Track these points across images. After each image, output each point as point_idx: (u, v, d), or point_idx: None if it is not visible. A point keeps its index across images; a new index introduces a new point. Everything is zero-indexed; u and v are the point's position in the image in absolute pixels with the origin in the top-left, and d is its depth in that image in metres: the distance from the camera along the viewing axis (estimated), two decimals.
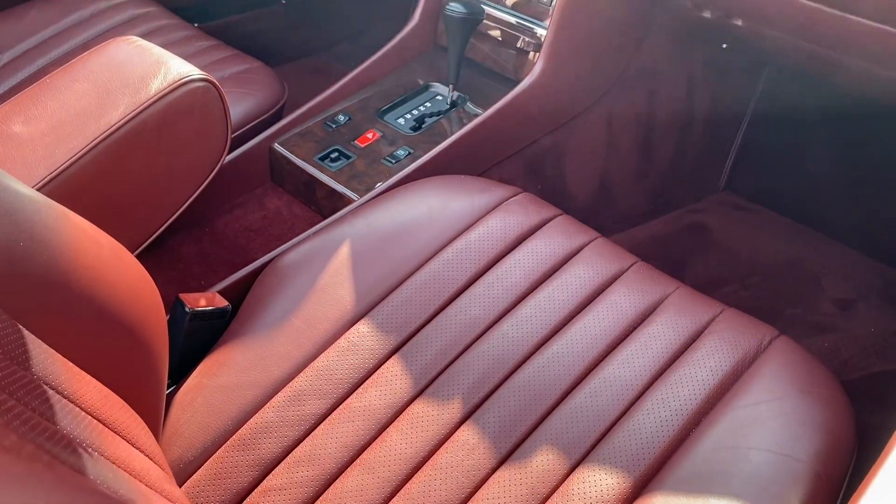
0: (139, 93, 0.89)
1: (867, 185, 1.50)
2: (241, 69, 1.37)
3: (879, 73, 1.11)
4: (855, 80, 1.21)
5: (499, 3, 1.34)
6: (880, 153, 1.47)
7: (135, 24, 1.48)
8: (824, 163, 1.55)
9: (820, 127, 1.54)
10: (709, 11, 1.25)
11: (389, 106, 1.34)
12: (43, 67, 1.39)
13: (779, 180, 1.60)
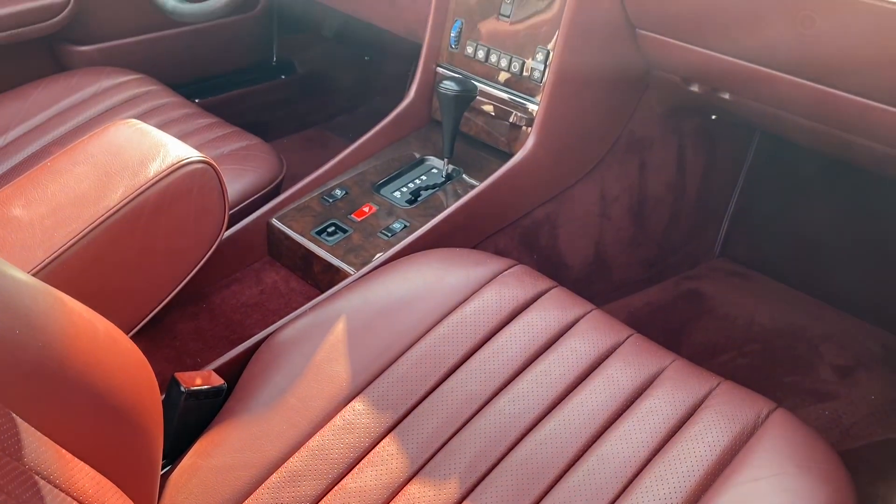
0: (138, 175, 0.91)
1: (862, 250, 1.51)
2: (240, 146, 1.40)
3: (871, 145, 1.13)
4: (846, 151, 1.23)
5: (491, 80, 1.37)
6: (875, 217, 1.49)
7: (137, 102, 1.51)
8: (818, 228, 1.57)
9: (812, 192, 1.57)
10: (697, 86, 1.29)
11: (386, 180, 1.36)
12: (46, 146, 1.41)
13: (774, 246, 1.62)
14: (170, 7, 1.39)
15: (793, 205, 1.58)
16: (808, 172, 1.53)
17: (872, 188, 1.42)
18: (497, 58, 1.36)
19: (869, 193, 1.45)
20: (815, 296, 1.52)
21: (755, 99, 1.19)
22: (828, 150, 1.30)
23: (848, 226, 1.52)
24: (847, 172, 1.41)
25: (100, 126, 1.46)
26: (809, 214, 1.57)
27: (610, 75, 1.32)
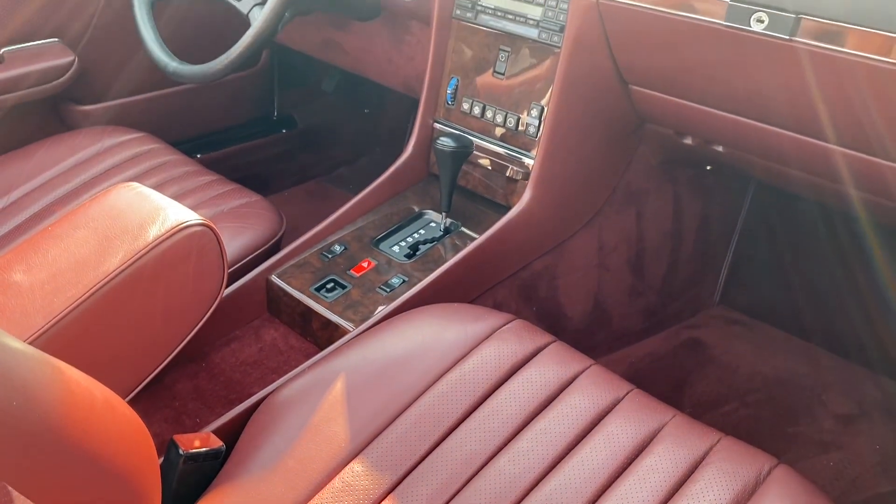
0: (137, 240, 0.92)
1: (861, 297, 1.51)
2: (240, 203, 1.41)
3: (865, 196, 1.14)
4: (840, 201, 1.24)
5: (488, 135, 1.39)
6: (871, 264, 1.49)
7: (138, 161, 1.53)
8: (817, 275, 1.57)
9: (809, 239, 1.57)
10: (690, 138, 1.30)
11: (384, 234, 1.37)
12: (48, 206, 1.43)
13: (773, 293, 1.62)
14: (171, 69, 1.41)
15: (790, 252, 1.59)
16: (804, 220, 1.53)
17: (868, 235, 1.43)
18: (493, 113, 1.38)
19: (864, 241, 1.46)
20: (816, 343, 1.52)
21: (748, 152, 1.21)
22: (822, 200, 1.31)
23: (845, 272, 1.53)
24: (842, 220, 1.41)
25: (102, 185, 1.48)
26: (807, 262, 1.58)
27: (604, 129, 1.34)
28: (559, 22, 1.25)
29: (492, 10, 1.34)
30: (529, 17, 1.30)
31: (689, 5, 1.07)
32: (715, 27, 1.05)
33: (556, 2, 1.25)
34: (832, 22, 0.96)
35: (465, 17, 1.38)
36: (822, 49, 0.97)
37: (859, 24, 0.94)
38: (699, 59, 1.12)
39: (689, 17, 1.07)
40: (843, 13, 0.95)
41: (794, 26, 0.98)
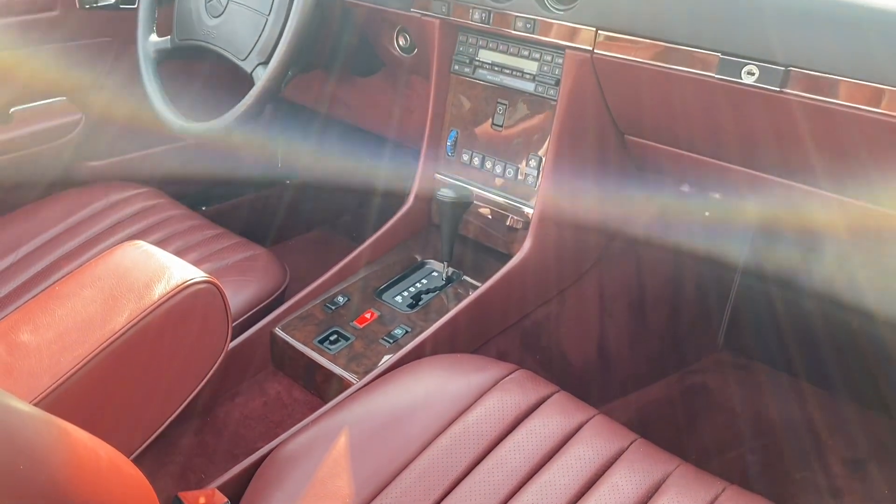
0: (143, 298, 0.93)
1: (863, 339, 1.51)
2: (244, 256, 1.43)
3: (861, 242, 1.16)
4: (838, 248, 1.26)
5: (488, 185, 1.42)
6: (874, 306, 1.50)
7: (144, 215, 1.56)
8: (819, 318, 1.58)
9: (810, 282, 1.58)
10: (687, 186, 1.32)
11: (387, 284, 1.38)
12: (55, 262, 1.45)
13: (776, 337, 1.62)
14: (177, 127, 1.44)
15: (791, 296, 1.59)
16: (803, 265, 1.54)
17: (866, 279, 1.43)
18: (492, 164, 1.40)
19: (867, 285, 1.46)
20: (822, 386, 1.51)
21: (743, 199, 1.22)
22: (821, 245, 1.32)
23: (845, 316, 1.53)
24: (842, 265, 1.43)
25: (108, 240, 1.50)
26: (807, 306, 1.58)
27: (602, 178, 1.36)
28: (555, 76, 1.28)
29: (489, 65, 1.38)
30: (525, 71, 1.33)
31: (682, 59, 1.10)
32: (707, 79, 1.08)
33: (551, 56, 1.28)
34: (821, 74, 0.98)
35: (464, 72, 1.41)
36: (813, 100, 0.99)
37: (848, 76, 0.96)
38: (692, 109, 1.14)
39: (682, 70, 1.10)
40: (832, 65, 0.97)
41: (784, 78, 1.01)
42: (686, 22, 1.08)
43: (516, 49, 1.33)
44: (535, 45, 1.30)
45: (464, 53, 1.41)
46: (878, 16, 0.94)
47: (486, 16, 1.33)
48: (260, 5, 1.34)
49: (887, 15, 0.94)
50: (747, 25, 1.03)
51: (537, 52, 1.30)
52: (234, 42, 1.37)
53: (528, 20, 1.27)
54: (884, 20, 0.94)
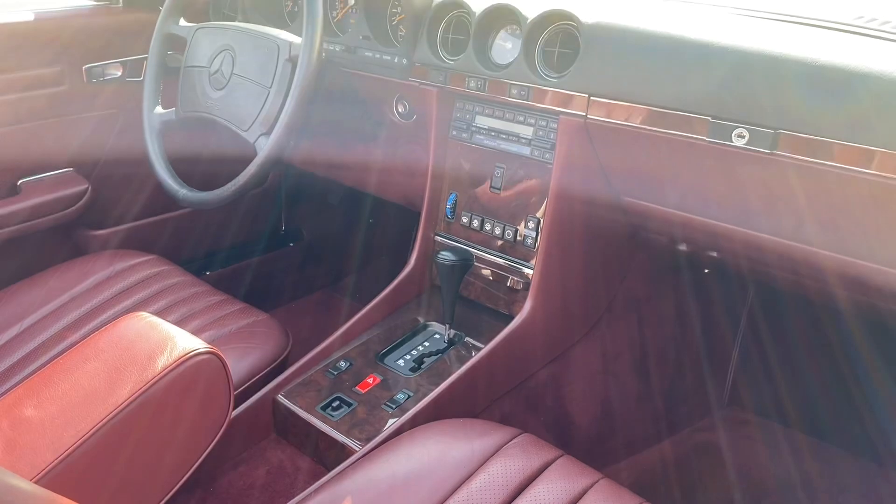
0: (146, 370, 0.94)
1: (868, 394, 1.50)
2: (247, 322, 1.44)
3: (859, 298, 1.16)
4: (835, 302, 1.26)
5: (488, 247, 1.43)
6: (876, 361, 1.49)
7: (148, 283, 1.57)
8: (823, 373, 1.57)
9: (813, 337, 1.58)
10: (685, 245, 1.33)
11: (389, 348, 1.39)
12: (60, 332, 1.46)
13: (782, 392, 1.61)
14: (181, 196, 1.47)
15: (794, 351, 1.59)
16: (807, 319, 1.55)
17: (867, 335, 1.43)
18: (491, 226, 1.42)
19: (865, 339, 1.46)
20: (830, 442, 1.50)
21: (739, 257, 1.23)
22: (819, 301, 1.33)
23: (849, 371, 1.53)
24: (843, 319, 1.43)
25: (113, 309, 1.52)
26: (811, 361, 1.58)
27: (600, 238, 1.38)
28: (550, 140, 1.31)
29: (486, 131, 1.40)
30: (522, 136, 1.35)
31: (673, 123, 1.12)
32: (698, 142, 1.10)
33: (545, 121, 1.31)
34: (811, 136, 1.00)
35: (461, 137, 1.44)
36: (803, 162, 1.01)
37: (837, 139, 0.98)
38: (685, 171, 1.16)
39: (673, 133, 1.12)
40: (821, 128, 1.00)
41: (773, 141, 1.03)
42: (675, 87, 1.11)
43: (512, 115, 1.36)
44: (530, 111, 1.33)
45: (461, 119, 1.44)
46: (865, 79, 0.97)
47: (482, 84, 1.36)
48: (262, 78, 1.38)
49: (873, 79, 0.96)
50: (736, 90, 1.06)
51: (532, 117, 1.33)
52: (238, 113, 1.41)
53: (522, 88, 1.30)
54: (870, 83, 0.96)
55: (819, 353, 1.60)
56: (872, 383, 1.50)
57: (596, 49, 1.20)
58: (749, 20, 1.20)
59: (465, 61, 1.37)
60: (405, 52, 1.47)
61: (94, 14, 1.72)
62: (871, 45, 1.06)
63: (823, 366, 1.59)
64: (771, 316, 1.64)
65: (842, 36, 1.11)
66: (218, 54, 1.46)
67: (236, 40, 1.44)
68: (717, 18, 1.20)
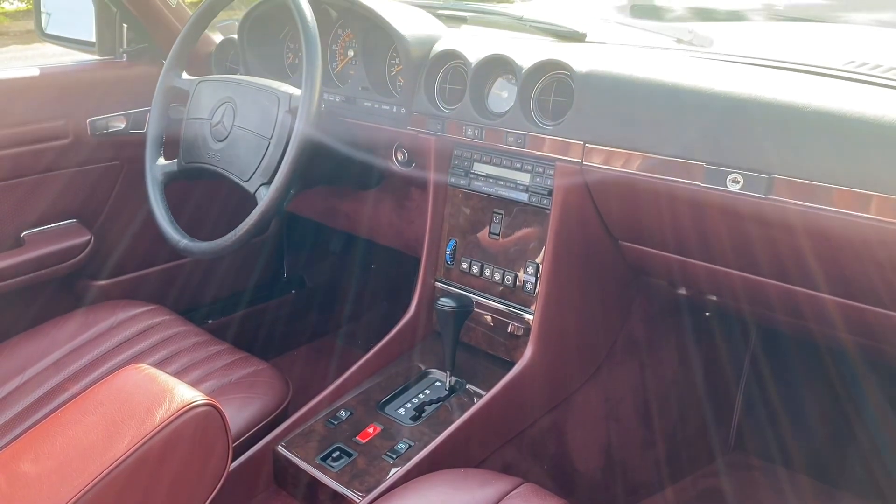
0: (144, 423, 0.93)
1: (874, 437, 1.49)
2: (247, 372, 1.43)
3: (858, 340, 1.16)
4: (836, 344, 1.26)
5: (488, 293, 1.43)
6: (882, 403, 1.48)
7: (149, 334, 1.57)
8: (828, 416, 1.56)
9: (817, 379, 1.57)
10: (684, 289, 1.33)
11: (390, 396, 1.38)
12: (61, 383, 1.45)
13: (788, 436, 1.59)
14: (182, 246, 1.48)
15: (799, 395, 1.58)
16: (810, 361, 1.54)
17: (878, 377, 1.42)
18: (491, 272, 1.42)
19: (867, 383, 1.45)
20: (838, 486, 1.48)
21: (738, 301, 1.23)
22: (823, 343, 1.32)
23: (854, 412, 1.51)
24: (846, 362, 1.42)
25: (114, 360, 1.51)
26: (816, 404, 1.56)
27: (600, 283, 1.38)
28: (547, 186, 1.32)
29: (484, 177, 1.42)
30: (519, 182, 1.37)
31: (669, 169, 1.13)
32: (694, 188, 1.11)
33: (542, 168, 1.33)
34: (805, 181, 1.01)
35: (460, 184, 1.46)
36: (798, 206, 1.02)
37: (832, 183, 0.99)
38: (682, 216, 1.17)
39: (668, 179, 1.13)
40: (815, 172, 1.00)
41: (768, 186, 1.04)
42: (669, 134, 1.12)
43: (509, 162, 1.38)
44: (527, 158, 1.34)
45: (460, 167, 1.46)
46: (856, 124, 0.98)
47: (479, 132, 1.38)
48: (263, 129, 1.40)
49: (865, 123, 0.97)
50: (729, 136, 1.07)
51: (529, 164, 1.35)
52: (238, 164, 1.43)
53: (518, 135, 1.32)
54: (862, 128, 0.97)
55: (824, 396, 1.58)
56: (878, 426, 1.49)
57: (589, 97, 1.22)
58: (740, 67, 1.22)
59: (462, 110, 1.39)
60: (404, 101, 1.49)
61: (99, 68, 1.75)
62: (862, 90, 1.07)
63: (828, 408, 1.57)
64: (774, 359, 1.63)
65: (833, 81, 1.12)
66: (219, 106, 1.48)
67: (237, 93, 1.47)
68: (709, 66, 1.21)
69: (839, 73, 1.15)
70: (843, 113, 0.99)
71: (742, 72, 1.18)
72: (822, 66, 1.19)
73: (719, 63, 1.25)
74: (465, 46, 1.42)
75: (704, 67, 1.20)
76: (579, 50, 1.36)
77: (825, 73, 1.15)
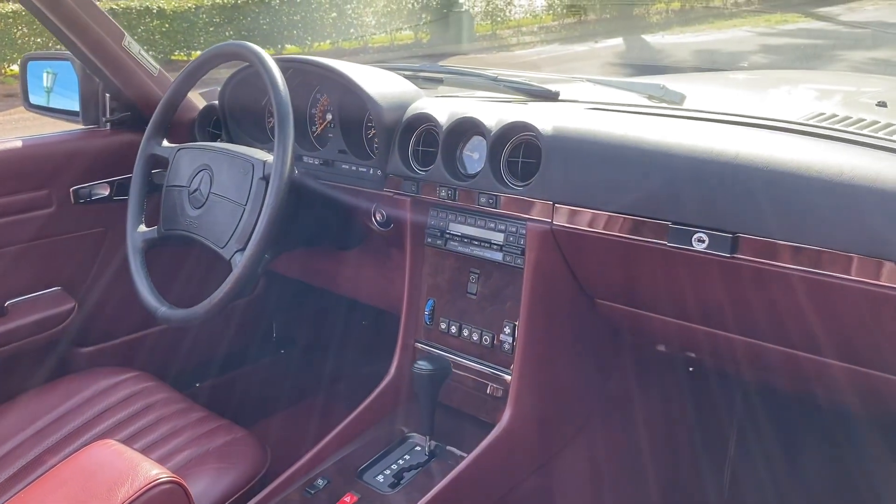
0: (107, 503, 0.92)
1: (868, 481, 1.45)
2: (226, 440, 1.42)
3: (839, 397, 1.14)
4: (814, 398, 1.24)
5: (467, 353, 1.42)
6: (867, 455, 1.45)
7: (131, 402, 1.56)
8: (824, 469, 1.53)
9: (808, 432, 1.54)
10: (663, 346, 1.32)
11: (369, 463, 1.36)
12: (40, 455, 1.44)
13: (781, 490, 1.56)
14: (160, 314, 1.48)
15: (791, 446, 1.55)
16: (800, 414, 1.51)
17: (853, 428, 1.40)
18: (469, 332, 1.41)
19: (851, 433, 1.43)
20: None
21: (714, 358, 1.22)
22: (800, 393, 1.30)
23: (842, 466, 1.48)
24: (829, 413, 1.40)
25: (94, 430, 1.50)
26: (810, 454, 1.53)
27: (578, 341, 1.37)
28: (520, 245, 1.32)
29: (459, 237, 1.42)
30: (494, 241, 1.37)
31: (636, 229, 1.13)
32: (660, 247, 1.10)
33: (515, 227, 1.33)
34: (769, 240, 1.01)
35: (436, 244, 1.46)
36: (763, 265, 1.01)
37: (795, 242, 0.99)
38: (652, 275, 1.16)
39: (636, 239, 1.13)
40: (779, 231, 1.00)
41: (733, 245, 1.03)
42: (634, 193, 1.13)
43: (483, 222, 1.38)
44: (500, 218, 1.35)
45: (436, 227, 1.46)
46: (816, 182, 0.98)
47: (452, 193, 1.39)
48: (238, 195, 1.41)
49: (823, 181, 0.97)
50: (693, 195, 1.07)
51: (503, 224, 1.35)
52: (215, 231, 1.43)
53: (490, 196, 1.33)
54: (820, 185, 0.97)
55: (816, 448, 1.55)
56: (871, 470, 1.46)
57: (556, 158, 1.23)
58: (706, 125, 1.22)
59: (435, 172, 1.40)
60: (380, 164, 1.50)
61: (82, 138, 1.77)
62: (824, 147, 1.07)
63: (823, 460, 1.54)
64: (764, 412, 1.60)
65: (797, 137, 1.13)
66: (197, 174, 1.50)
67: (214, 160, 1.48)
68: (675, 124, 1.22)
69: (803, 127, 1.16)
70: (800, 171, 1.00)
71: (707, 130, 1.19)
72: (786, 120, 1.20)
73: (686, 121, 1.25)
74: (438, 110, 1.43)
75: (670, 126, 1.21)
76: (549, 110, 1.37)
77: (790, 129, 1.16)
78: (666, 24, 11.65)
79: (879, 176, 0.94)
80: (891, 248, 0.91)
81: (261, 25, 11.48)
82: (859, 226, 0.93)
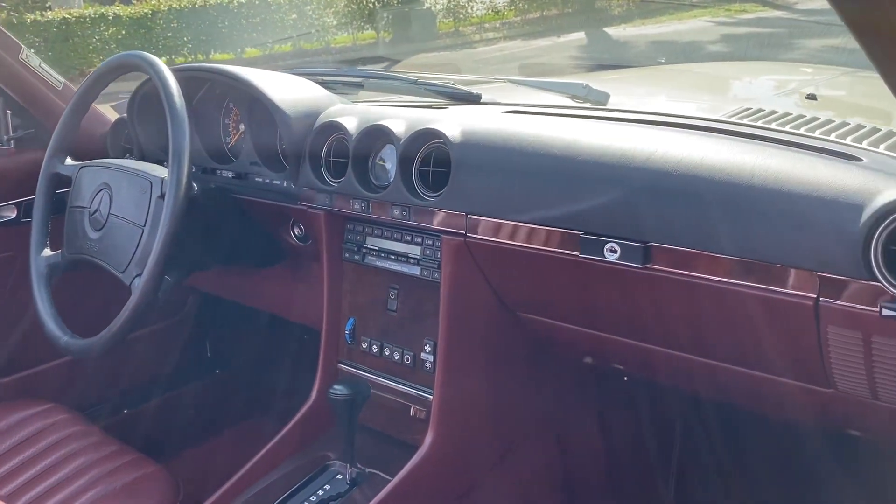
0: None
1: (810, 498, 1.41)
2: (136, 476, 1.34)
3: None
4: None
5: (389, 373, 1.35)
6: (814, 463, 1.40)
7: (41, 437, 1.47)
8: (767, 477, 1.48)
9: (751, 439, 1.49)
10: (589, 358, 1.26)
11: (287, 495, 1.28)
12: None
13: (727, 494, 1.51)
14: (63, 343, 1.39)
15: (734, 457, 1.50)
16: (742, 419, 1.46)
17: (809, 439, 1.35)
18: (390, 351, 1.34)
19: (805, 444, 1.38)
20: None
21: (640, 369, 1.16)
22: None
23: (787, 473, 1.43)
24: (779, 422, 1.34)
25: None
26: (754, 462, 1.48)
27: (503, 358, 1.30)
28: (437, 259, 1.25)
29: (376, 252, 1.35)
30: (411, 255, 1.30)
31: (547, 240, 1.07)
32: (573, 258, 1.04)
33: (431, 240, 1.26)
34: (682, 248, 0.95)
35: (354, 259, 1.38)
36: (677, 275, 0.95)
37: (708, 251, 0.93)
38: (568, 287, 1.10)
39: (548, 250, 1.06)
40: (692, 241, 0.94)
41: (645, 255, 0.97)
42: (543, 203, 1.06)
43: (400, 235, 1.31)
44: (416, 231, 1.28)
45: (352, 241, 1.39)
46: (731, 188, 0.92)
47: (366, 205, 1.31)
48: (137, 217, 1.33)
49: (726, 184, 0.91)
50: (602, 204, 1.01)
51: (419, 236, 1.28)
52: (115, 255, 1.35)
53: (403, 208, 1.25)
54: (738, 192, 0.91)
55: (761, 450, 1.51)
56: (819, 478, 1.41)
57: (467, 167, 1.16)
58: (623, 126, 1.15)
59: (347, 184, 1.33)
60: (292, 176, 1.42)
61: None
62: (740, 147, 1.01)
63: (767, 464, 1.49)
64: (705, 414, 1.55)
65: (715, 137, 1.06)
66: (97, 193, 1.41)
67: (113, 178, 1.39)
68: (590, 127, 1.15)
69: (725, 125, 1.09)
70: (712, 174, 0.93)
71: (623, 131, 1.12)
72: (709, 119, 1.14)
73: (604, 122, 1.19)
74: (349, 117, 1.36)
75: (585, 128, 1.14)
76: (466, 115, 1.30)
77: (710, 128, 1.09)
78: (628, 16, 11.65)
79: (790, 178, 0.88)
80: (799, 255, 0.85)
81: (220, 29, 11.33)
82: (768, 233, 0.87)
